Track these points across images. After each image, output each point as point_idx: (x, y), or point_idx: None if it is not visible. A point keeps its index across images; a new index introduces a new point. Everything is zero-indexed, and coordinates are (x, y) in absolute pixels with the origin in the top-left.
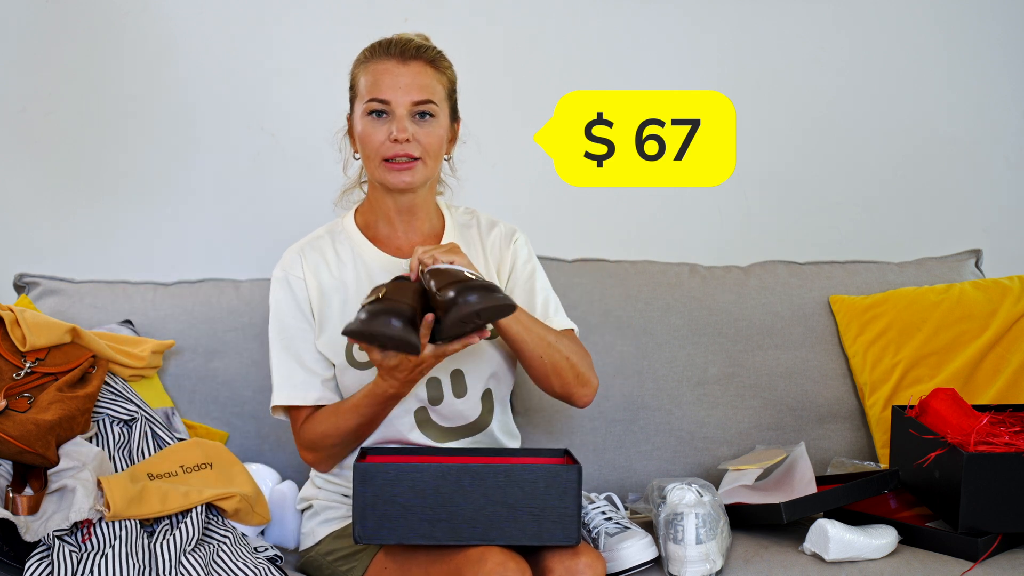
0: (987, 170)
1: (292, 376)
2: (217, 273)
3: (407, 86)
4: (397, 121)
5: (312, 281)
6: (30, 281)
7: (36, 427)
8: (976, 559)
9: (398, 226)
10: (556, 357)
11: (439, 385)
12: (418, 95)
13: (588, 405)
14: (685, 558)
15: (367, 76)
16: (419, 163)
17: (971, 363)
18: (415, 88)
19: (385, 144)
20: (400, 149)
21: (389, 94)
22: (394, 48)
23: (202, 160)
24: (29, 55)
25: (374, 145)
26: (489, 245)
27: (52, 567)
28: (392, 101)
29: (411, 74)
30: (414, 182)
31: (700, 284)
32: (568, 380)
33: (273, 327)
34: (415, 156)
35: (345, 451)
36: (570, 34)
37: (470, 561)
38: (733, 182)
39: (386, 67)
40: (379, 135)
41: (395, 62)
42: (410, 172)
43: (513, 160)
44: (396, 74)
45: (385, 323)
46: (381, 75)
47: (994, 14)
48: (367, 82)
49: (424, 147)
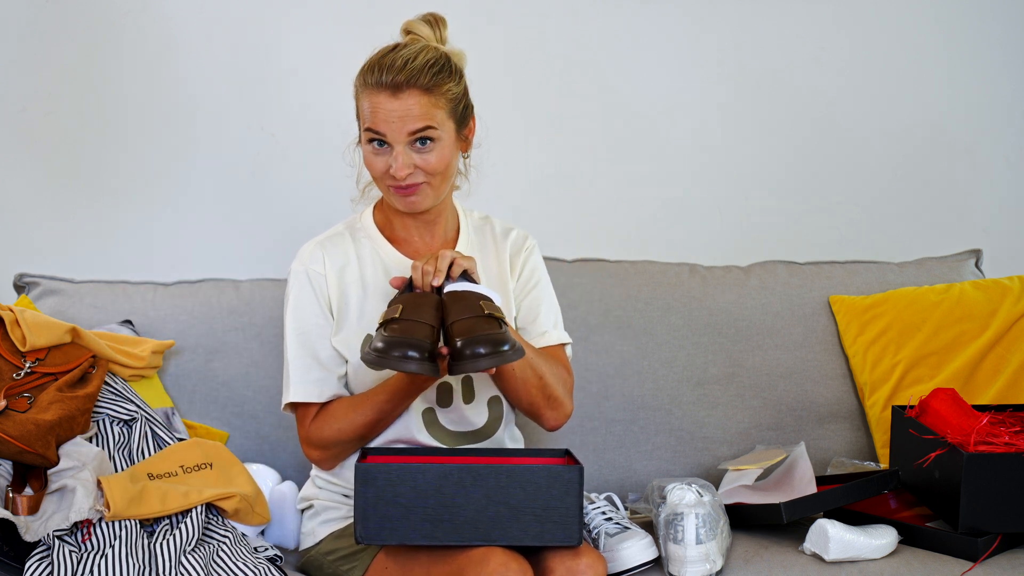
0: (987, 170)
1: (309, 372)
2: (217, 273)
3: (401, 119)
4: (395, 157)
5: (332, 277)
6: (30, 281)
7: (36, 427)
8: (976, 559)
9: (414, 232)
10: (527, 373)
11: (449, 389)
12: (414, 124)
13: (556, 429)
14: (685, 558)
15: (365, 101)
16: (425, 186)
17: (971, 363)
18: (410, 119)
19: (387, 174)
20: (402, 182)
21: (384, 128)
22: (386, 77)
23: (202, 160)
24: (29, 55)
25: (377, 174)
26: (504, 251)
27: (52, 567)
28: (388, 135)
29: (404, 107)
30: (421, 204)
31: (700, 284)
32: (536, 399)
33: (290, 322)
34: (419, 182)
35: (352, 448)
36: (570, 34)
37: (472, 562)
38: (733, 182)
39: (379, 101)
40: (381, 165)
41: (387, 96)
42: (416, 196)
43: (513, 160)
44: (389, 109)
45: (401, 358)
46: (376, 108)
47: (994, 14)
48: (365, 111)
49: (428, 172)
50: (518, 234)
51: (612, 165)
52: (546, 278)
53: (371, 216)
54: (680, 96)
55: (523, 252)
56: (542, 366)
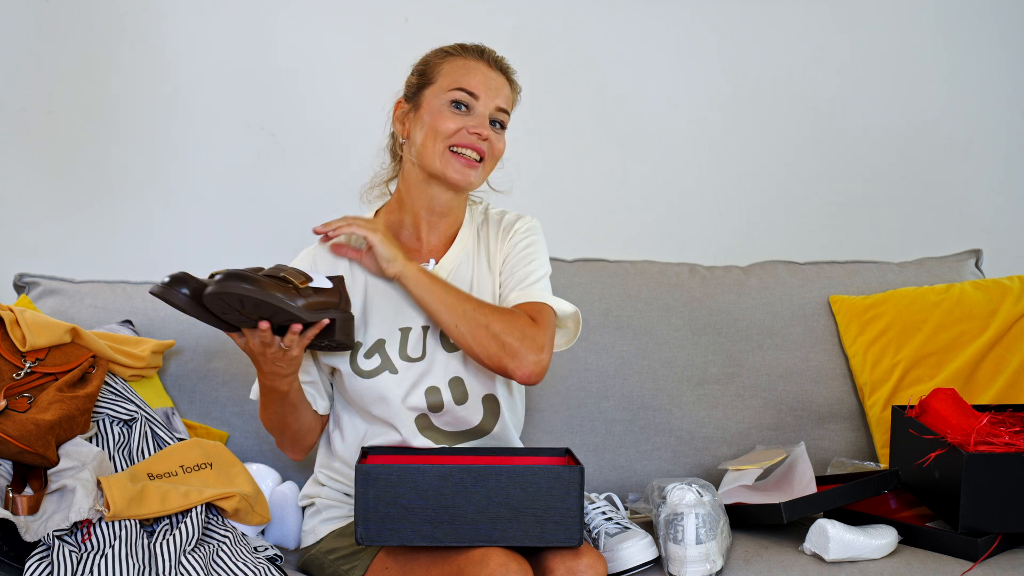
0: (987, 170)
1: None
2: None
3: (496, 90)
4: (479, 118)
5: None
6: (30, 281)
7: (36, 427)
8: (976, 559)
9: (423, 225)
10: (473, 326)
11: (438, 392)
12: (503, 102)
13: (529, 380)
14: (685, 558)
15: (452, 67)
16: (482, 165)
17: (971, 363)
18: (501, 95)
19: (461, 133)
20: (475, 143)
21: (481, 90)
22: (485, 55)
23: (202, 160)
24: (29, 55)
25: (448, 131)
26: (499, 234)
27: (52, 567)
28: (481, 97)
29: (500, 82)
30: (473, 182)
31: (700, 284)
32: (492, 351)
33: None
34: (481, 157)
35: (285, 440)
36: (570, 34)
37: (472, 562)
38: (733, 182)
39: (477, 66)
40: (456, 122)
41: (486, 65)
42: (474, 171)
43: (513, 160)
44: (488, 76)
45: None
46: (472, 71)
47: (994, 14)
48: (453, 72)
49: (493, 153)
50: (511, 216)
51: (612, 165)
52: (537, 245)
53: (372, 216)
54: (681, 96)
55: (514, 227)
56: (487, 316)
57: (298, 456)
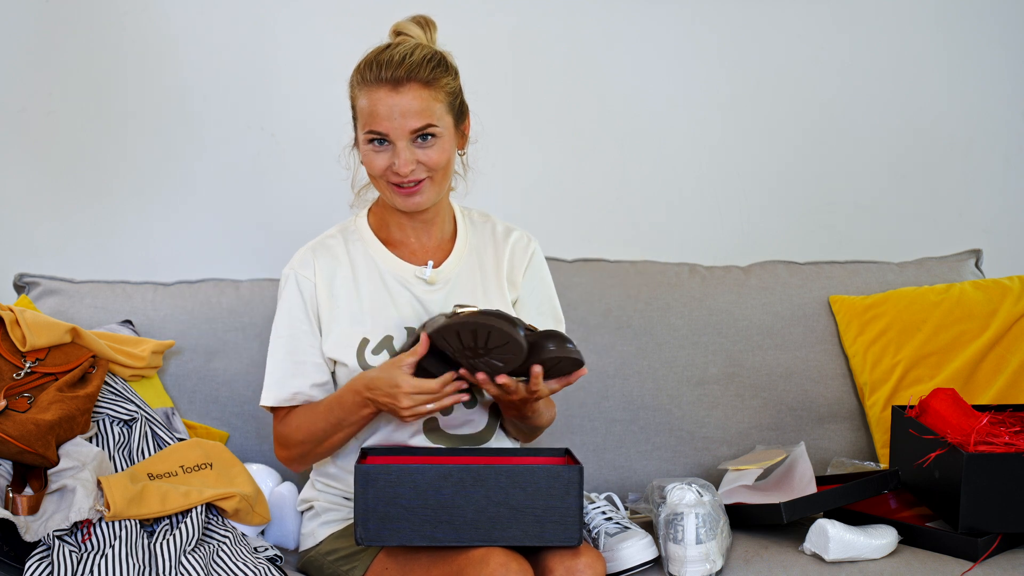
0: (987, 170)
1: (284, 375)
2: (217, 273)
3: (403, 114)
4: (398, 153)
5: (322, 283)
6: (30, 281)
7: (36, 427)
8: (976, 559)
9: (411, 233)
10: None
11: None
12: (416, 122)
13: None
14: (685, 558)
15: (362, 102)
16: (427, 182)
17: (971, 363)
18: (411, 115)
19: (387, 172)
20: (404, 179)
21: (385, 125)
22: (385, 72)
23: (202, 160)
24: (29, 55)
25: (378, 171)
26: (503, 252)
27: (52, 567)
28: (390, 132)
29: (405, 101)
30: (424, 202)
31: (700, 284)
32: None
33: (276, 324)
34: (421, 178)
35: (317, 452)
36: (571, 34)
37: (472, 562)
38: (733, 182)
39: (379, 96)
40: (381, 162)
41: (387, 90)
42: (419, 193)
43: (513, 160)
44: (390, 104)
45: (502, 319)
46: (376, 104)
47: (994, 14)
48: (362, 111)
49: (429, 167)
50: (520, 236)
51: (612, 165)
52: (549, 282)
53: (365, 219)
54: (680, 96)
55: (526, 257)
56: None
57: (301, 468)
